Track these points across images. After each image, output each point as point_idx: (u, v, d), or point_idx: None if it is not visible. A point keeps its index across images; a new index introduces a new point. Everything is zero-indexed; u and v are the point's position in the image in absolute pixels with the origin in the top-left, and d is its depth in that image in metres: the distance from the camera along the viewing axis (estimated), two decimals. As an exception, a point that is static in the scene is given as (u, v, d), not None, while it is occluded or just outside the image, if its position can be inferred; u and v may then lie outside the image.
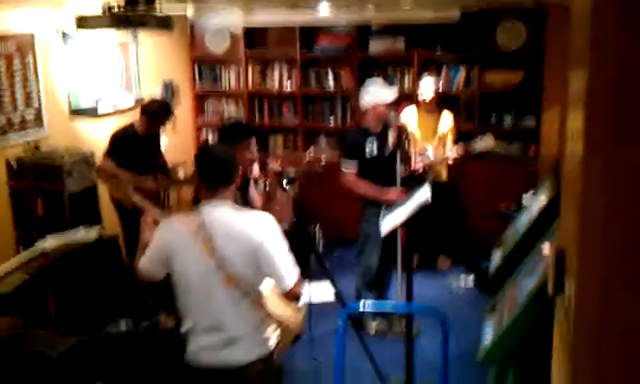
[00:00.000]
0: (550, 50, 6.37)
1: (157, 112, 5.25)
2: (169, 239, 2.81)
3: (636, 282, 1.44)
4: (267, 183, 4.40)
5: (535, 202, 4.23)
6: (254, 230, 2.74)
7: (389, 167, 4.98)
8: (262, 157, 4.89)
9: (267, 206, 4.07)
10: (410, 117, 6.20)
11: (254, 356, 2.82)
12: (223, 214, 2.76)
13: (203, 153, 2.97)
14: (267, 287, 2.88)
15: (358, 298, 5.24)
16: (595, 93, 1.45)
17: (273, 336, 2.92)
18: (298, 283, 2.82)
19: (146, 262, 2.88)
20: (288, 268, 2.78)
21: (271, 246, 2.74)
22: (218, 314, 2.76)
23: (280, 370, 3.14)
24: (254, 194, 4.20)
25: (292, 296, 2.84)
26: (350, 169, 5.04)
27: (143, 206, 4.64)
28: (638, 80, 1.36)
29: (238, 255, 2.71)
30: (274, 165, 3.75)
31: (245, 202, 4.05)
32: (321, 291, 5.89)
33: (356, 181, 5.03)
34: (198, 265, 2.72)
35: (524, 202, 5.41)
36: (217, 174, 2.82)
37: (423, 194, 4.07)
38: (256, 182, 4.24)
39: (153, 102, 5.52)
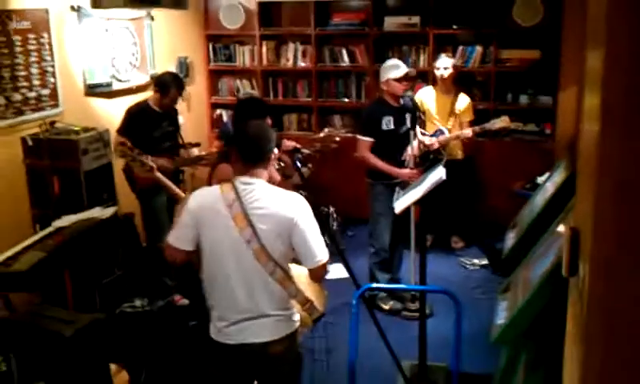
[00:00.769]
0: (568, 27, 6.28)
1: (167, 82, 5.27)
2: (200, 212, 2.81)
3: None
4: (283, 162, 4.38)
5: (551, 182, 4.20)
6: (289, 207, 2.78)
7: (403, 145, 4.98)
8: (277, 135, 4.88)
9: (283, 185, 4.05)
10: (427, 96, 6.18)
11: (281, 333, 2.84)
12: (258, 190, 2.78)
13: (243, 130, 2.96)
14: (296, 266, 2.91)
15: (372, 277, 5.25)
16: (612, 72, 1.43)
17: (297, 315, 2.94)
18: (326, 263, 2.85)
19: (175, 236, 2.85)
20: (320, 245, 2.82)
21: (305, 223, 2.78)
22: (247, 288, 2.78)
23: (300, 351, 3.15)
24: (273, 170, 4.18)
25: (320, 273, 2.87)
26: (365, 140, 5.07)
27: (169, 187, 4.63)
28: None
29: (271, 230, 2.74)
30: (289, 143, 3.74)
31: None
32: (334, 269, 5.93)
33: (369, 153, 5.05)
34: (231, 237, 2.73)
35: (539, 181, 5.38)
36: (254, 151, 2.84)
37: (438, 173, 4.07)
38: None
39: (164, 73, 5.57)
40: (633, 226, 1.43)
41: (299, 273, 2.94)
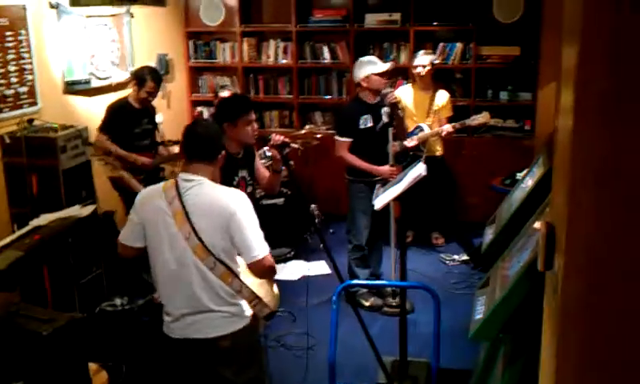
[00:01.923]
0: (547, 24, 6.33)
1: (143, 74, 5.32)
2: (144, 209, 2.87)
3: (623, 259, 1.44)
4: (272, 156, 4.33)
5: (529, 178, 4.22)
6: (227, 202, 2.79)
7: (382, 142, 4.99)
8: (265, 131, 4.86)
9: (273, 179, 4.05)
10: (405, 94, 6.19)
11: (226, 330, 2.85)
12: (198, 187, 2.81)
13: (190, 127, 3.02)
14: (242, 262, 2.91)
15: (351, 274, 5.26)
16: (586, 70, 1.44)
17: (246, 311, 2.92)
18: (269, 257, 2.85)
19: (124, 233, 2.94)
20: (259, 240, 2.82)
21: (243, 217, 2.79)
22: (189, 286, 2.80)
23: (256, 345, 3.16)
24: (261, 167, 4.17)
25: (259, 269, 2.85)
26: (342, 141, 5.07)
27: (134, 186, 4.65)
28: (628, 58, 1.36)
29: (210, 226, 2.76)
30: (278, 137, 3.71)
31: (252, 177, 4.02)
32: (317, 266, 5.94)
33: (347, 152, 5.05)
34: (170, 234, 2.77)
35: (519, 177, 5.41)
36: (198, 149, 2.88)
37: (418, 170, 4.07)
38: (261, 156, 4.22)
39: (141, 67, 5.60)
40: (606, 221, 1.44)
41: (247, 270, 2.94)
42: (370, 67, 4.99)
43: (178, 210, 2.75)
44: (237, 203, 2.80)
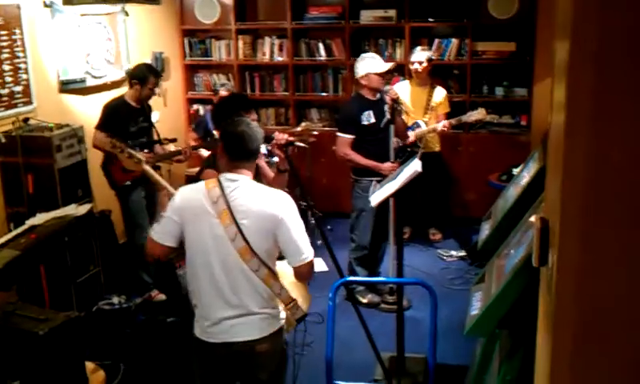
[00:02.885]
0: (542, 19, 6.34)
1: (144, 72, 5.31)
2: (185, 208, 2.80)
3: (617, 254, 1.45)
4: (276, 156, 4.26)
5: (525, 173, 4.23)
6: (274, 205, 2.77)
7: (384, 138, 4.98)
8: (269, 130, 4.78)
9: (278, 179, 3.92)
10: (402, 90, 6.19)
11: (265, 332, 2.83)
12: (243, 187, 2.78)
13: (233, 127, 2.91)
14: (281, 264, 2.90)
15: (351, 272, 5.26)
16: (577, 65, 1.44)
17: (281, 313, 2.92)
18: (313, 261, 2.85)
19: (158, 231, 2.84)
20: (306, 243, 2.81)
21: (290, 221, 2.77)
22: (231, 286, 2.76)
23: (285, 348, 3.14)
24: (265, 167, 4.09)
25: (306, 271, 2.85)
26: (345, 137, 5.05)
27: (157, 180, 4.60)
28: (619, 53, 1.36)
29: (256, 228, 2.73)
30: (281, 136, 3.62)
31: (256, 178, 3.91)
32: (315, 263, 5.93)
33: (349, 149, 5.04)
34: (215, 234, 2.73)
35: (515, 173, 5.41)
36: (240, 149, 2.83)
37: (413, 166, 4.08)
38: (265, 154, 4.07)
39: (137, 65, 5.57)
40: (599, 216, 1.45)
41: (284, 272, 2.93)
42: (369, 65, 4.97)
43: (224, 210, 2.71)
44: (283, 206, 2.78)
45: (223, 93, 6.25)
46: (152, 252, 2.88)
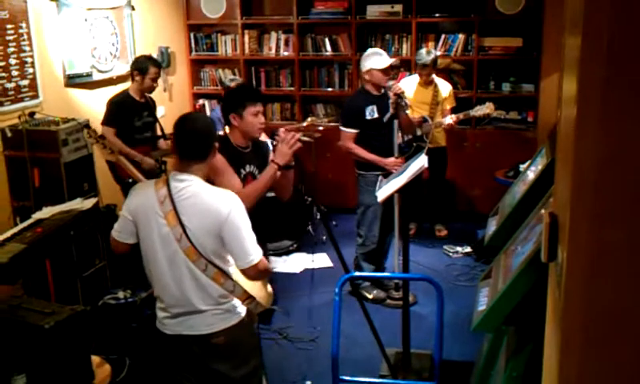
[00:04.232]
0: (549, 15, 6.31)
1: (144, 62, 5.35)
2: (136, 206, 2.84)
3: (628, 249, 1.44)
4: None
5: (532, 169, 4.20)
6: (220, 204, 2.72)
7: (387, 133, 4.97)
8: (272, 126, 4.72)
9: (285, 177, 3.79)
10: (408, 86, 6.17)
11: (220, 326, 2.82)
12: (191, 187, 2.74)
13: (179, 123, 2.87)
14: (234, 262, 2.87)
15: (357, 267, 5.26)
16: (588, 59, 1.43)
17: (239, 309, 2.89)
18: (264, 259, 2.82)
19: (118, 230, 2.91)
20: (253, 244, 2.76)
21: (236, 222, 2.71)
22: (180, 286, 2.77)
23: (251, 340, 3.12)
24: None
25: (252, 274, 2.81)
26: (348, 132, 5.05)
27: (132, 172, 4.63)
28: (630, 47, 1.34)
29: (201, 228, 2.70)
30: (289, 135, 3.51)
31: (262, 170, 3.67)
32: (320, 259, 5.94)
33: (353, 144, 5.04)
34: (162, 234, 2.74)
35: (522, 169, 5.40)
36: (190, 147, 2.80)
37: (420, 162, 4.07)
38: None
39: (137, 58, 5.61)
40: (609, 211, 1.43)
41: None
42: (372, 62, 4.96)
43: (170, 210, 2.70)
44: (229, 207, 2.71)
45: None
46: (116, 249, 2.98)
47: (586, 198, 1.45)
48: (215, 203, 2.72)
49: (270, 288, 3.14)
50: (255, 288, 2.94)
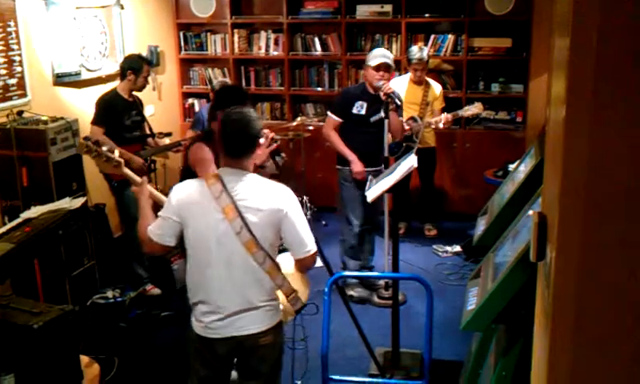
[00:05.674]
0: (538, 16, 6.35)
1: (136, 61, 5.34)
2: (185, 206, 2.78)
3: (616, 249, 1.45)
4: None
5: (521, 169, 4.23)
6: (277, 198, 2.79)
7: (374, 133, 4.95)
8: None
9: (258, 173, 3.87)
10: (399, 86, 6.17)
11: (269, 325, 2.83)
12: (245, 181, 2.77)
13: (227, 120, 2.84)
14: (280, 256, 2.92)
15: (344, 266, 5.26)
16: (577, 60, 1.44)
17: (281, 305, 2.93)
18: (316, 253, 2.90)
19: (157, 233, 2.81)
20: (308, 234, 2.86)
21: (294, 214, 2.80)
22: (237, 280, 2.75)
23: (282, 341, 3.11)
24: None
25: (309, 263, 2.91)
26: (332, 118, 5.11)
27: (134, 178, 4.60)
28: (618, 48, 1.36)
29: (261, 221, 2.73)
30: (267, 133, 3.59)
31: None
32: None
33: (333, 131, 5.09)
34: (220, 229, 2.71)
35: (510, 168, 5.42)
36: (239, 144, 2.81)
37: (410, 162, 4.07)
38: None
39: (128, 57, 5.59)
40: (598, 211, 1.44)
41: (284, 263, 2.94)
42: (369, 58, 5.01)
43: (228, 204, 2.69)
44: (286, 200, 2.80)
45: None
46: (152, 251, 2.89)
47: (575, 197, 1.46)
48: (274, 196, 2.79)
49: (309, 282, 3.19)
50: (297, 282, 2.98)
